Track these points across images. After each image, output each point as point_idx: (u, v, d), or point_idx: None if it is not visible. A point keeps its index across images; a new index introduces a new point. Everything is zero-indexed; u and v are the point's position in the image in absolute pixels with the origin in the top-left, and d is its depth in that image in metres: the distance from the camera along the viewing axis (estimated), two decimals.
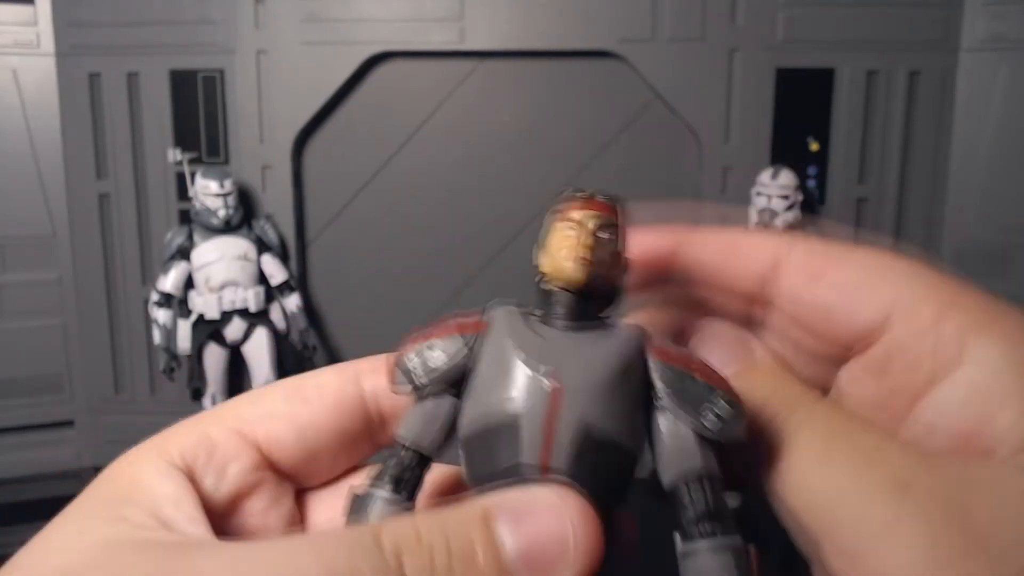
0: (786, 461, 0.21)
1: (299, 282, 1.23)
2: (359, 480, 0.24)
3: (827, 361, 0.23)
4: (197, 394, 1.22)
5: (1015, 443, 0.19)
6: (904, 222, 1.20)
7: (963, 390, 0.20)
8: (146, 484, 0.21)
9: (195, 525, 0.21)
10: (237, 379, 1.24)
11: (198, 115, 1.21)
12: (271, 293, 1.19)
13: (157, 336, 1.15)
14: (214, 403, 1.20)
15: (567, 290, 0.22)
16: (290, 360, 1.22)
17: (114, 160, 1.22)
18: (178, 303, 1.16)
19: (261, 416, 0.23)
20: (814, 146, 1.19)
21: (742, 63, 1.17)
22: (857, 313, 0.21)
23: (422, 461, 0.22)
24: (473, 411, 0.22)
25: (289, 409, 0.24)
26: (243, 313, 1.16)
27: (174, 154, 1.17)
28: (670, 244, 0.24)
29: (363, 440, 0.25)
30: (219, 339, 1.17)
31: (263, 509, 0.23)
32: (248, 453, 0.23)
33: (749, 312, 0.24)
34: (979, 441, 0.19)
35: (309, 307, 1.25)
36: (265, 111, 1.21)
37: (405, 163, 1.25)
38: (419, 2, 1.18)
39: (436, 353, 0.22)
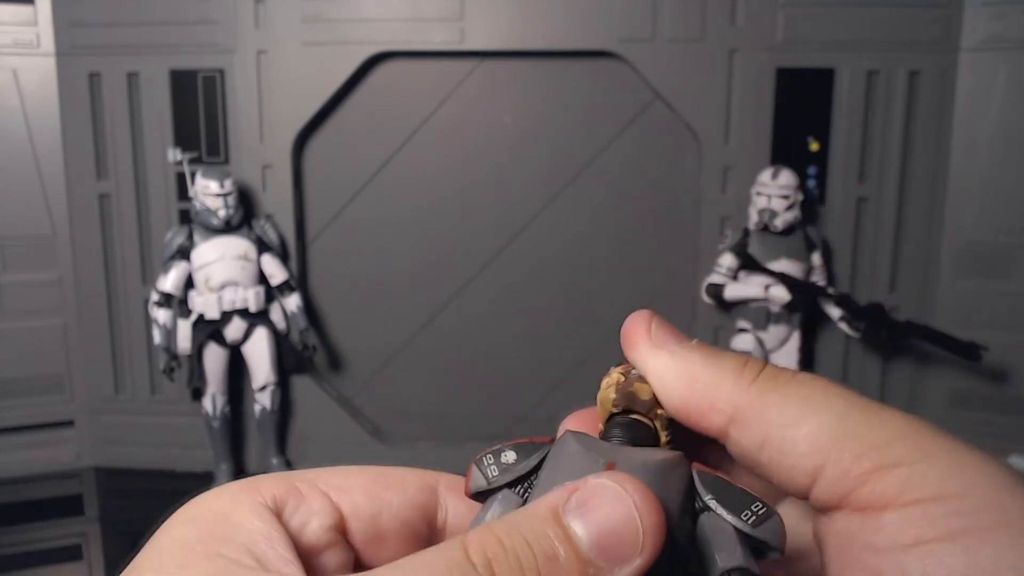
0: (771, 411, 0.23)
1: (299, 282, 1.23)
2: None
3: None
4: (197, 394, 1.22)
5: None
6: (904, 222, 1.20)
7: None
8: (238, 521, 0.22)
9: (289, 566, 0.22)
10: (237, 379, 1.24)
11: (198, 115, 1.21)
12: (271, 293, 1.19)
13: (157, 336, 1.15)
14: (214, 403, 1.20)
15: (615, 413, 0.25)
16: (290, 360, 1.22)
17: (114, 160, 1.22)
18: (178, 303, 1.16)
19: (348, 487, 0.25)
20: (814, 146, 1.19)
21: (742, 63, 1.17)
22: (795, 470, 0.23)
23: None
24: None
25: (374, 491, 0.25)
26: (243, 313, 1.16)
27: (174, 154, 1.17)
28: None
29: (424, 541, 0.26)
30: (219, 339, 1.17)
31: (332, 568, 0.24)
32: (331, 513, 0.24)
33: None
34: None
35: (309, 307, 1.25)
36: (265, 111, 1.21)
37: (405, 163, 1.25)
38: (419, 2, 1.18)
39: (510, 454, 0.24)
